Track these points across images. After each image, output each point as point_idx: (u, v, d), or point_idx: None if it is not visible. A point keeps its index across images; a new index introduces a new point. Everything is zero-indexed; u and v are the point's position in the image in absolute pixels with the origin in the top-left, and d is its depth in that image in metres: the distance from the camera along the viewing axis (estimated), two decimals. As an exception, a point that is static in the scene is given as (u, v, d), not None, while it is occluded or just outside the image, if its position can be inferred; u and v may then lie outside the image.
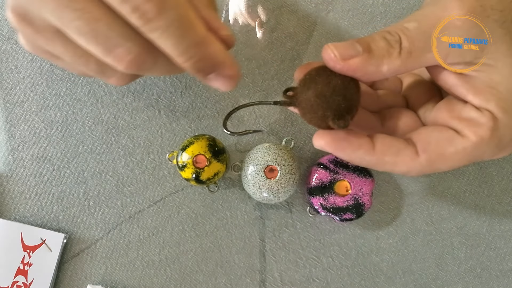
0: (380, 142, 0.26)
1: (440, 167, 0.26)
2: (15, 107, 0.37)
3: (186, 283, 0.36)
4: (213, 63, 0.25)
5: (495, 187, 0.38)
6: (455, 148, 0.25)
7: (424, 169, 0.26)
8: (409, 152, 0.26)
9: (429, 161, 0.25)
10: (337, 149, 0.26)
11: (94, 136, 0.37)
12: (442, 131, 0.26)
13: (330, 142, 0.26)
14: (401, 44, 0.25)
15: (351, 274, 0.37)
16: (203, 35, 0.24)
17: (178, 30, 0.22)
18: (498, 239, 0.38)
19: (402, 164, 0.26)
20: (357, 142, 0.26)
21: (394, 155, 0.26)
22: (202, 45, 0.24)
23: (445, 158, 0.25)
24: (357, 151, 0.26)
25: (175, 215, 0.37)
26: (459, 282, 0.37)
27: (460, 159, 0.25)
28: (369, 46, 0.25)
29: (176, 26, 0.22)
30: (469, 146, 0.25)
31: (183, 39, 0.23)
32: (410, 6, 0.38)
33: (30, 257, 0.35)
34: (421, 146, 0.26)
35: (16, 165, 0.37)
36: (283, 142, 0.36)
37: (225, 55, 0.25)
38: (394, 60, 0.25)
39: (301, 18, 0.38)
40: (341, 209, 0.34)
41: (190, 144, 0.34)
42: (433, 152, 0.25)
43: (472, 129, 0.25)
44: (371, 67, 0.25)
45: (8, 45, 0.37)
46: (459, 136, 0.25)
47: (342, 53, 0.25)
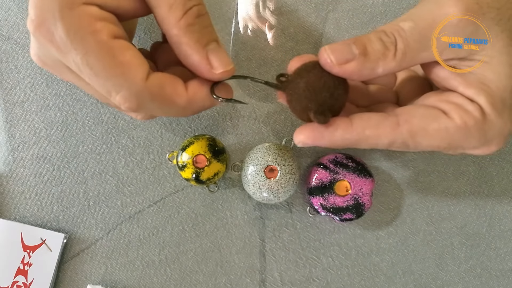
0: (358, 118, 0.26)
1: (421, 142, 0.26)
2: (15, 107, 0.37)
3: (186, 283, 0.36)
4: (203, 110, 0.28)
5: (495, 187, 0.38)
6: (438, 125, 0.25)
7: (406, 141, 0.26)
8: (389, 123, 0.26)
9: (411, 133, 0.26)
10: (315, 138, 0.26)
11: (94, 136, 0.37)
12: (428, 109, 0.26)
13: (309, 134, 0.26)
14: (396, 46, 0.25)
15: (351, 274, 0.37)
16: (186, 101, 0.26)
17: (162, 110, 0.27)
18: (498, 239, 0.38)
19: (384, 136, 0.26)
20: (333, 124, 0.26)
21: (374, 127, 0.26)
22: (188, 108, 0.27)
23: (426, 133, 0.25)
24: (335, 132, 0.26)
25: (175, 215, 0.37)
26: (459, 282, 0.37)
27: (441, 138, 0.25)
28: (365, 48, 0.25)
29: (158, 109, 0.26)
30: (452, 127, 0.25)
31: (169, 112, 0.27)
32: (410, 6, 0.38)
33: (30, 257, 0.35)
34: (403, 118, 0.26)
35: (16, 165, 0.37)
36: (283, 142, 0.36)
37: (212, 100, 0.28)
38: (389, 62, 0.25)
39: (301, 18, 0.38)
40: (341, 209, 0.34)
41: (190, 144, 0.34)
42: (416, 124, 0.26)
43: (459, 113, 0.25)
44: (366, 70, 0.25)
45: (8, 45, 0.37)
46: (444, 116, 0.26)
47: (338, 58, 0.25)
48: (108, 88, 0.24)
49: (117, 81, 0.24)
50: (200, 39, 0.26)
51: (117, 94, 0.24)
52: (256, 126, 0.37)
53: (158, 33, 0.37)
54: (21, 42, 0.37)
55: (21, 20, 0.37)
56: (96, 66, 0.24)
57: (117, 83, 0.24)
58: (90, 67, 0.24)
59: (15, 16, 0.37)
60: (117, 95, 0.24)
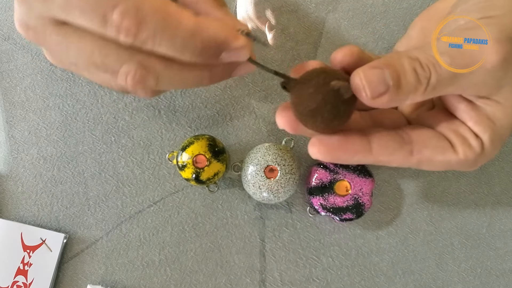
0: (377, 144, 0.26)
1: (422, 167, 0.28)
2: (15, 107, 0.37)
3: (186, 283, 0.36)
4: (216, 44, 0.24)
5: (495, 187, 0.38)
6: (443, 158, 0.27)
7: (411, 166, 0.28)
8: (404, 152, 0.27)
9: (418, 162, 0.27)
10: (333, 158, 0.26)
11: (94, 136, 0.37)
12: (439, 140, 0.27)
13: (325, 152, 0.26)
14: (429, 81, 0.24)
15: (351, 274, 0.37)
16: (193, 24, 0.23)
17: (166, 32, 0.23)
18: (498, 239, 0.38)
19: (395, 162, 0.27)
20: (352, 148, 0.26)
21: (389, 155, 0.27)
22: (197, 33, 0.23)
23: (431, 163, 0.27)
24: (354, 157, 0.26)
25: (175, 215, 0.37)
26: (459, 282, 0.37)
27: (441, 167, 0.27)
28: (399, 79, 0.24)
29: (162, 30, 0.23)
30: (454, 160, 0.27)
31: (175, 38, 0.23)
32: (410, 6, 0.38)
33: (30, 257, 0.35)
34: (417, 148, 0.27)
35: (16, 165, 0.37)
36: (283, 142, 0.36)
37: (225, 32, 0.24)
38: (418, 96, 0.25)
39: (301, 18, 0.38)
40: (341, 209, 0.34)
41: (190, 144, 0.34)
42: (425, 156, 0.27)
43: (463, 148, 0.27)
44: (396, 102, 0.25)
45: (8, 45, 0.37)
46: (451, 149, 0.27)
47: (373, 92, 0.24)
48: (102, 9, 0.22)
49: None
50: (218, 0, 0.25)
51: (113, 10, 0.22)
52: (256, 126, 0.37)
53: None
54: (21, 42, 0.37)
55: (21, 20, 0.37)
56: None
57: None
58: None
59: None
60: (113, 12, 0.22)
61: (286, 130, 0.27)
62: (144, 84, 0.25)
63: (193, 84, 0.27)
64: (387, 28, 0.38)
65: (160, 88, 0.26)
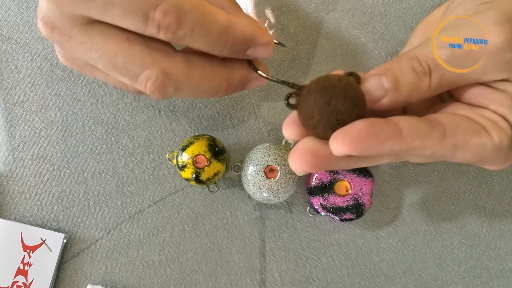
0: (406, 126, 0.23)
1: (457, 156, 0.24)
2: (15, 107, 0.37)
3: (186, 283, 0.36)
4: (245, 40, 0.26)
5: (495, 187, 0.38)
6: (479, 142, 0.24)
7: (445, 154, 0.24)
8: (437, 134, 0.23)
9: (454, 146, 0.24)
10: (363, 149, 0.22)
11: (94, 136, 0.37)
12: (470, 121, 0.25)
13: (351, 144, 0.22)
14: (431, 76, 0.24)
15: (351, 274, 0.37)
16: (226, 20, 0.25)
17: (203, 28, 0.24)
18: (498, 239, 0.38)
19: (429, 147, 0.23)
20: (382, 133, 0.22)
21: (422, 138, 0.23)
22: (229, 29, 0.25)
23: (467, 147, 0.24)
24: (385, 143, 0.22)
25: (175, 215, 0.37)
26: (459, 282, 0.37)
27: (477, 153, 0.24)
28: (397, 81, 0.24)
29: (200, 26, 0.24)
30: (489, 144, 0.24)
31: (210, 33, 0.25)
32: (410, 6, 0.38)
33: (30, 257, 0.35)
34: (449, 129, 0.24)
35: (16, 165, 0.37)
36: (283, 142, 0.36)
37: (253, 29, 0.26)
38: (423, 92, 0.24)
39: (301, 18, 0.38)
40: (341, 209, 0.34)
41: (190, 144, 0.34)
42: (460, 138, 0.24)
43: (496, 130, 0.24)
44: (399, 103, 0.25)
45: (8, 45, 0.37)
46: (485, 132, 0.24)
47: (370, 98, 0.24)
48: (145, 8, 0.23)
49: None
50: None
51: (156, 9, 0.23)
52: (256, 126, 0.37)
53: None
54: (21, 42, 0.37)
55: (21, 20, 0.37)
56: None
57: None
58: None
59: (15, 16, 0.37)
60: (156, 10, 0.23)
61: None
62: (163, 91, 0.25)
63: (209, 95, 0.28)
64: (387, 28, 0.38)
65: (177, 96, 0.27)
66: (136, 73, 0.25)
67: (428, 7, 0.38)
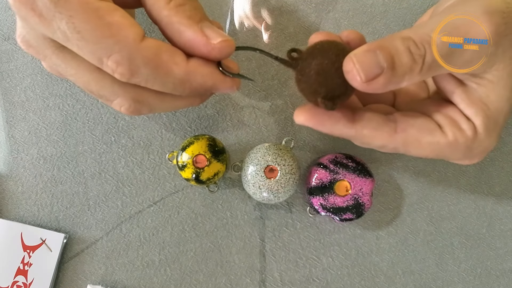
0: (361, 116, 0.27)
1: (410, 151, 0.27)
2: (15, 107, 0.37)
3: (186, 283, 0.36)
4: (204, 89, 0.26)
5: (495, 187, 0.38)
6: (431, 139, 0.26)
7: (397, 148, 0.27)
8: (388, 129, 0.26)
9: (404, 142, 0.26)
10: (317, 123, 0.26)
11: (94, 136, 0.37)
12: (426, 120, 0.27)
13: (310, 118, 0.26)
14: (425, 59, 0.24)
15: (351, 274, 0.37)
16: (183, 73, 0.25)
17: (157, 81, 0.25)
18: (498, 239, 0.38)
19: (379, 139, 0.26)
20: (337, 115, 0.26)
21: (373, 129, 0.26)
22: (186, 81, 0.25)
23: (419, 144, 0.26)
24: (336, 124, 0.26)
25: (175, 215, 0.37)
26: (459, 282, 0.37)
27: (431, 150, 0.26)
28: (393, 60, 0.24)
29: (153, 79, 0.25)
30: (443, 142, 0.26)
31: (166, 85, 0.25)
32: (410, 6, 0.38)
33: (30, 257, 0.35)
34: (401, 126, 0.26)
35: (16, 165, 0.37)
36: (283, 142, 0.36)
37: (212, 80, 0.26)
38: (414, 76, 0.24)
39: (301, 18, 0.38)
40: (341, 209, 0.34)
41: (190, 144, 0.34)
42: (411, 135, 0.26)
43: (453, 129, 0.26)
44: (391, 85, 0.24)
45: (8, 45, 0.37)
46: (439, 130, 0.26)
47: (368, 74, 0.24)
48: (98, 54, 0.23)
49: (107, 43, 0.23)
50: (192, 16, 0.25)
51: (108, 58, 0.23)
52: (256, 126, 0.37)
53: (158, 33, 0.37)
54: (21, 42, 0.37)
55: (21, 20, 0.37)
56: (84, 29, 0.22)
57: (107, 45, 0.23)
58: (77, 30, 0.22)
59: (15, 16, 0.37)
60: (108, 59, 0.23)
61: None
62: (137, 114, 0.27)
63: (185, 107, 0.29)
64: (387, 28, 0.38)
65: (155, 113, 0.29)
66: (110, 99, 0.26)
67: (428, 7, 0.38)
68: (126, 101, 0.26)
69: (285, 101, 0.37)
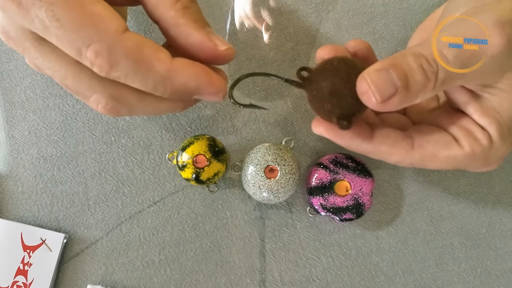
0: (379, 132, 0.27)
1: (428, 165, 0.27)
2: (15, 107, 0.37)
3: (186, 283, 0.36)
4: (186, 91, 0.25)
5: (495, 187, 0.38)
6: (448, 153, 0.26)
7: (414, 163, 0.27)
8: (405, 145, 0.27)
9: (421, 157, 0.27)
10: (336, 136, 0.27)
11: (94, 136, 0.37)
12: (441, 134, 0.27)
13: (330, 130, 0.27)
14: (437, 76, 0.24)
15: (351, 274, 0.37)
16: (165, 70, 0.24)
17: (137, 76, 0.24)
18: (498, 239, 0.38)
19: (396, 155, 0.27)
20: (356, 130, 0.26)
21: (390, 145, 0.27)
22: (168, 80, 0.24)
23: (436, 159, 0.27)
24: (355, 138, 0.27)
25: (175, 215, 0.37)
26: (459, 282, 0.37)
27: (448, 164, 0.27)
28: (407, 79, 0.24)
29: (133, 74, 0.23)
30: (460, 155, 0.26)
31: (146, 81, 0.24)
32: (410, 6, 0.38)
33: (30, 257, 0.35)
34: (418, 142, 0.27)
35: (16, 165, 0.37)
36: (283, 142, 0.36)
37: (198, 80, 0.25)
38: (427, 93, 0.24)
39: (301, 18, 0.38)
40: (341, 209, 0.34)
41: (190, 144, 0.34)
42: (428, 151, 0.26)
43: (469, 141, 0.26)
44: (406, 103, 0.24)
45: (8, 45, 0.37)
46: (455, 143, 0.26)
47: (382, 95, 0.23)
48: (77, 44, 0.22)
49: (87, 32, 0.22)
50: (198, 20, 0.25)
51: (88, 48, 0.22)
52: (256, 126, 0.37)
53: (158, 33, 0.37)
54: (21, 42, 0.37)
55: (21, 20, 0.37)
56: (64, 17, 0.22)
57: (87, 34, 0.22)
58: (57, 18, 0.22)
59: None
60: (87, 49, 0.22)
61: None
62: (115, 114, 0.26)
63: (167, 112, 0.28)
64: (387, 28, 0.38)
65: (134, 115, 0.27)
66: (87, 96, 0.25)
67: (428, 7, 0.38)
68: (103, 98, 0.25)
69: (285, 101, 0.37)
